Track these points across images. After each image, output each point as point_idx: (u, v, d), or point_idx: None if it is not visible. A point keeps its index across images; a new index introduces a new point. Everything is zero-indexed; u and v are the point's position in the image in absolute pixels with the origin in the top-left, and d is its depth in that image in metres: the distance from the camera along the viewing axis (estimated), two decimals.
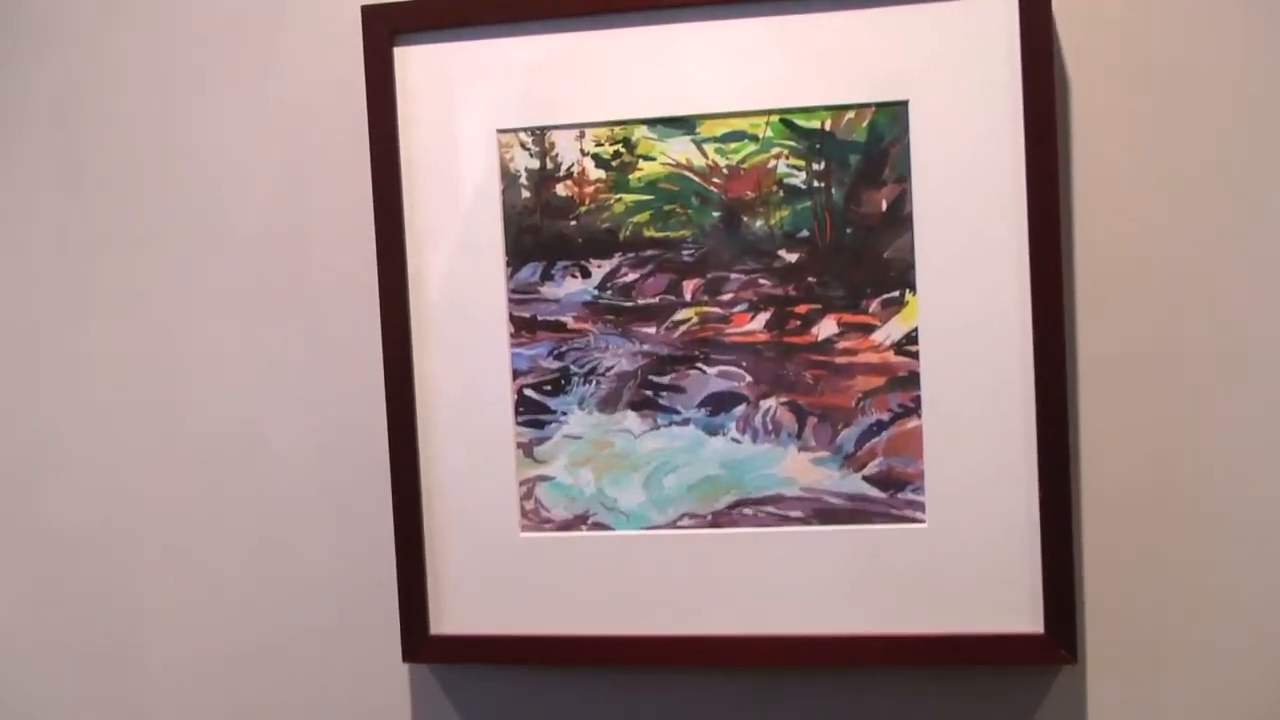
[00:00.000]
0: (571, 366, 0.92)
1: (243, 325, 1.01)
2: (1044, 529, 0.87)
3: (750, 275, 0.90)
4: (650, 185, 0.91)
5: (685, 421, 0.91)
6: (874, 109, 0.89)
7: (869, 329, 0.89)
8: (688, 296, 0.91)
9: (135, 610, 1.03)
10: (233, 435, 1.01)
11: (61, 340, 1.04)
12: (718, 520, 0.91)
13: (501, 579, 0.94)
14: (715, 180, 0.91)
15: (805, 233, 0.90)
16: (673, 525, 0.92)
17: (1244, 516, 0.89)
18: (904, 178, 0.88)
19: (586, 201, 0.92)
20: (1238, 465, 0.89)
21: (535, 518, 0.93)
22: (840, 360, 0.90)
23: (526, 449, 0.93)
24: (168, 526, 1.03)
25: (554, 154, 0.92)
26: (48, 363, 1.04)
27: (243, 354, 1.01)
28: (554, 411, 0.93)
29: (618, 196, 0.91)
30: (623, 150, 0.91)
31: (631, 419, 0.92)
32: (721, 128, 0.90)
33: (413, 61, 0.93)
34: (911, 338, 0.89)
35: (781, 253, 0.90)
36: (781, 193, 0.90)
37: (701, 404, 0.91)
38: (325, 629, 1.00)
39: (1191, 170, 0.89)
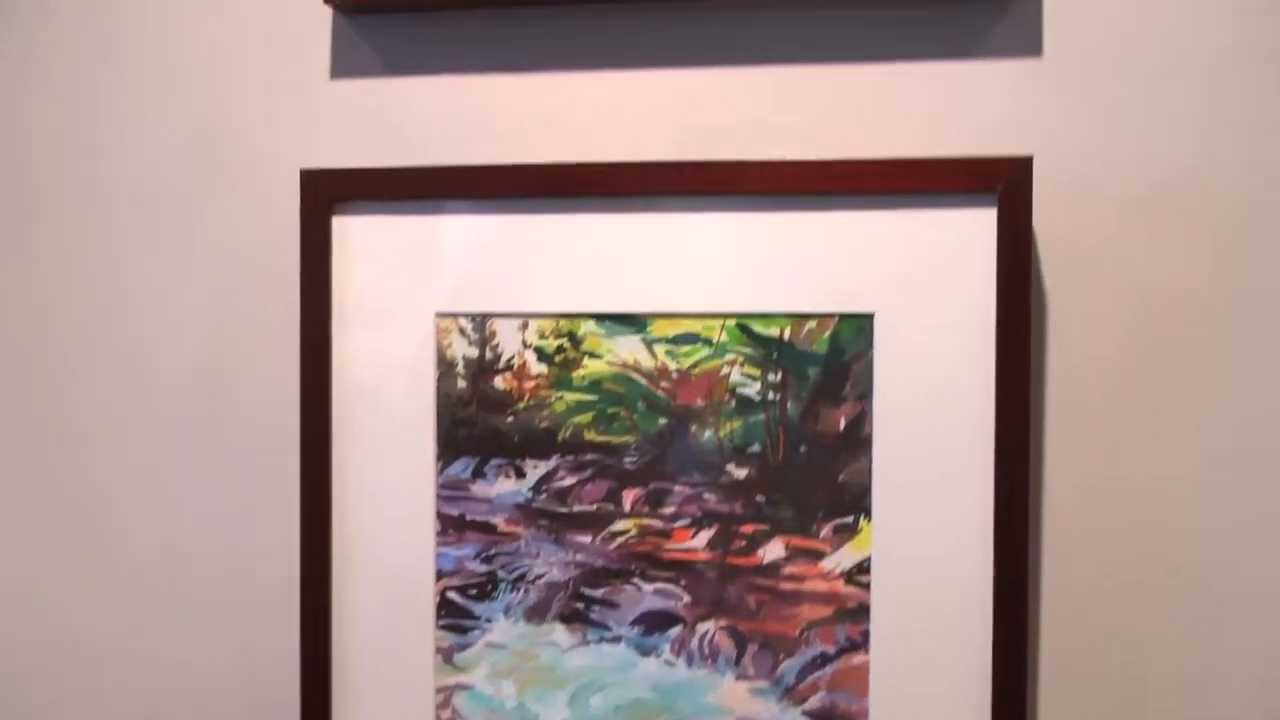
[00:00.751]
0: (499, 571, 0.86)
1: (161, 501, 0.95)
2: None
3: (695, 489, 0.84)
4: (594, 385, 0.85)
5: (617, 639, 0.85)
6: (837, 320, 0.83)
7: (818, 555, 0.83)
8: (627, 507, 0.85)
9: None
10: (134, 630, 0.96)
11: None
12: None
13: None
14: (664, 384, 0.85)
15: (756, 447, 0.84)
16: None
17: None
18: (865, 396, 0.82)
19: (526, 397, 0.86)
20: (1206, 709, 0.83)
21: None
22: (786, 586, 0.83)
23: (446, 655, 0.87)
24: (71, 692, 0.97)
25: (494, 343, 0.86)
26: None
27: (159, 531, 0.95)
28: (478, 617, 0.87)
29: (559, 394, 0.85)
30: (567, 345, 0.85)
31: (560, 632, 0.86)
32: (673, 328, 0.84)
33: (352, 232, 0.87)
34: (863, 567, 0.82)
35: (730, 467, 0.84)
36: (734, 403, 0.84)
37: (635, 622, 0.85)
38: None
39: (1172, 400, 0.83)
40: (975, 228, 0.81)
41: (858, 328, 0.83)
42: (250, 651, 0.93)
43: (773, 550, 0.83)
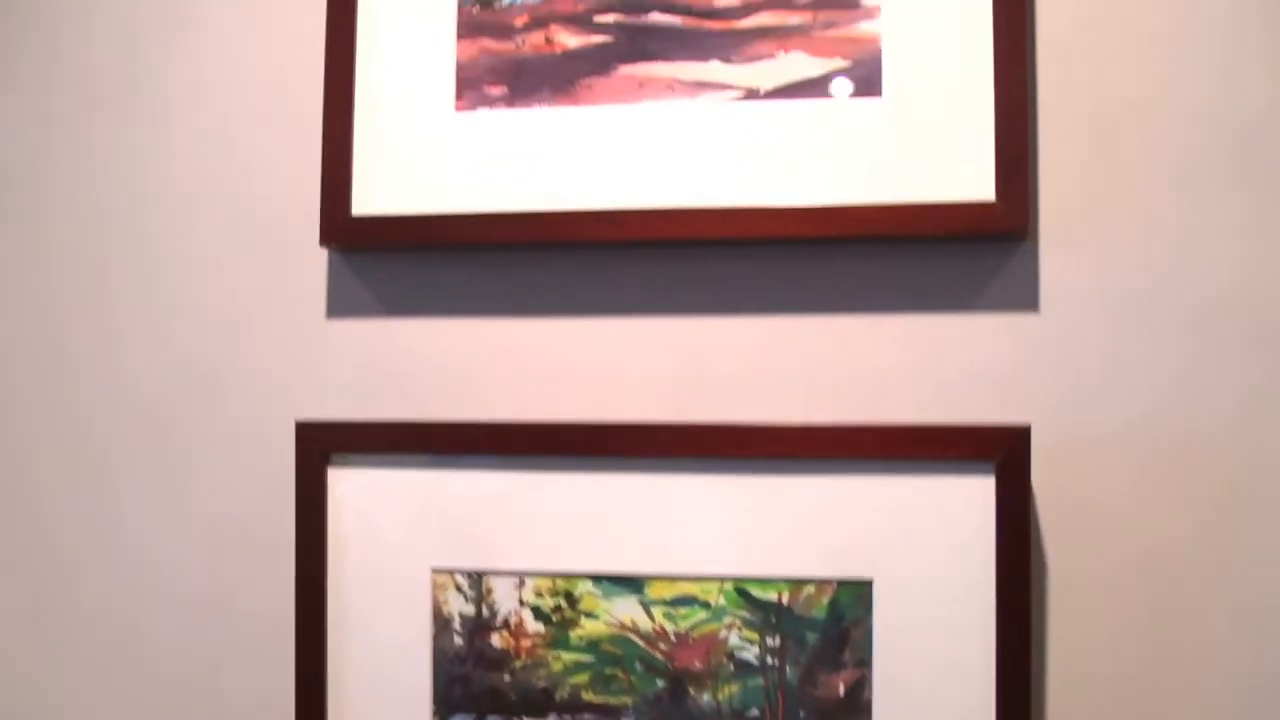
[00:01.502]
0: None
1: None
2: None
3: None
4: (592, 645, 0.85)
5: None
6: (836, 585, 0.82)
7: None
8: None
9: None
10: None
11: None
12: None
13: None
14: (662, 646, 0.84)
15: (755, 712, 0.83)
16: None
17: None
18: (865, 662, 0.82)
19: (523, 655, 0.85)
20: None
21: None
22: None
23: None
24: None
25: (491, 600, 0.86)
26: None
27: None
28: None
29: (556, 654, 0.85)
30: (564, 604, 0.85)
31: None
32: (671, 591, 0.84)
33: (347, 484, 0.87)
34: None
35: None
36: (732, 666, 0.83)
37: None
38: None
39: (1176, 664, 0.82)
40: (973, 494, 0.81)
41: (856, 593, 0.82)
42: None
43: None
